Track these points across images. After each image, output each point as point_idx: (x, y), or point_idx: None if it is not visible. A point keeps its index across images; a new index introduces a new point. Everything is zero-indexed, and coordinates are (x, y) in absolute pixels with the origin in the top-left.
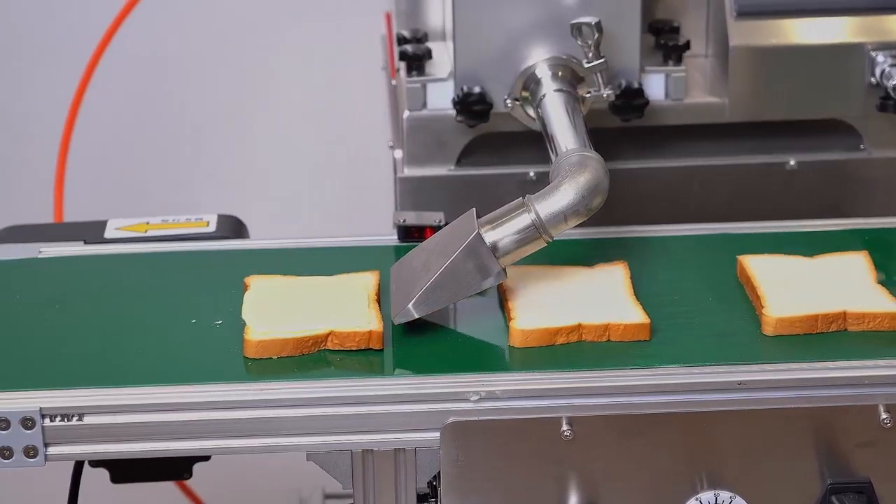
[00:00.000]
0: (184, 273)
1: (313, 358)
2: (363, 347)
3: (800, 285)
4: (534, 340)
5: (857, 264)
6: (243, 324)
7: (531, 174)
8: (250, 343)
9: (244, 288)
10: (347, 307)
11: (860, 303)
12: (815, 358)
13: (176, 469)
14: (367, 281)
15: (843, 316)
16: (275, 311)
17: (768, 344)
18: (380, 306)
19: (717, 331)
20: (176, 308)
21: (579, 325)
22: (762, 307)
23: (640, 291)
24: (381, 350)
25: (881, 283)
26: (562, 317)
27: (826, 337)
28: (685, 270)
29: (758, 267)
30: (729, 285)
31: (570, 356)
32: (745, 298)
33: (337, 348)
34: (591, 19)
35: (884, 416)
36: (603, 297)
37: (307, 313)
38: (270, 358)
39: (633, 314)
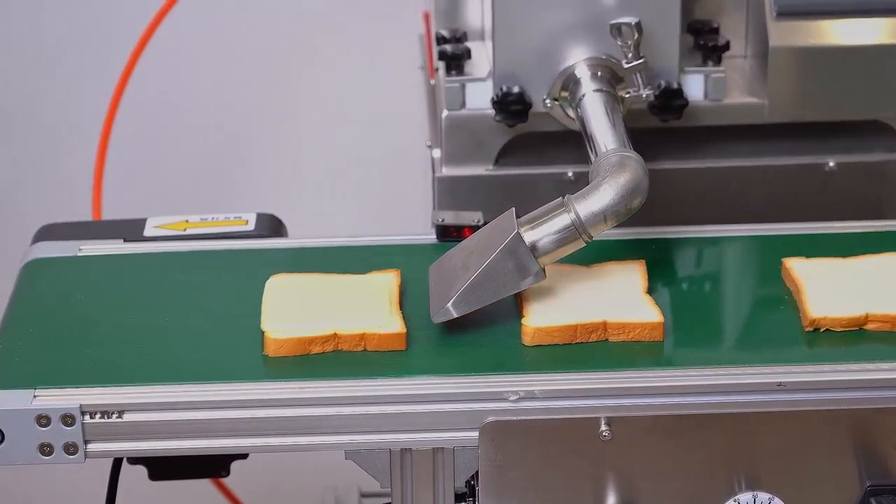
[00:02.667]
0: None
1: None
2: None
3: (566, 294)
4: (287, 350)
5: (631, 273)
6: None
7: (569, 174)
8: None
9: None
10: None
11: (621, 313)
12: (570, 368)
13: (214, 467)
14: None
15: (604, 326)
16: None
17: (526, 354)
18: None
19: (477, 340)
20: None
21: (335, 335)
22: (523, 316)
23: None
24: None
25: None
26: (318, 325)
27: (586, 347)
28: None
29: None
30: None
31: (324, 366)
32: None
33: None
34: (631, 19)
35: None
36: (364, 306)
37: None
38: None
39: (392, 324)
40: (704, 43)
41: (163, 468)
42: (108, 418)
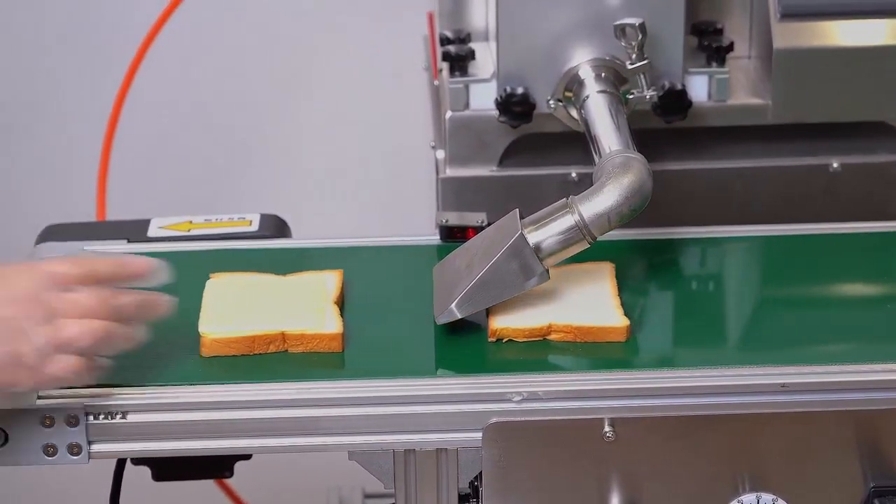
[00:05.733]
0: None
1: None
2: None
3: (252, 304)
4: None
5: (322, 283)
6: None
7: (573, 175)
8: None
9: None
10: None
11: (300, 323)
12: (245, 379)
13: (217, 468)
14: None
15: (282, 337)
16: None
17: (202, 366)
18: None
19: (158, 351)
20: None
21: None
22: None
23: None
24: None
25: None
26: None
27: (265, 358)
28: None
29: (215, 287)
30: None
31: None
32: None
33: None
34: (635, 20)
35: None
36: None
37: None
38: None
39: None
40: (708, 44)
41: (167, 469)
42: (112, 419)
